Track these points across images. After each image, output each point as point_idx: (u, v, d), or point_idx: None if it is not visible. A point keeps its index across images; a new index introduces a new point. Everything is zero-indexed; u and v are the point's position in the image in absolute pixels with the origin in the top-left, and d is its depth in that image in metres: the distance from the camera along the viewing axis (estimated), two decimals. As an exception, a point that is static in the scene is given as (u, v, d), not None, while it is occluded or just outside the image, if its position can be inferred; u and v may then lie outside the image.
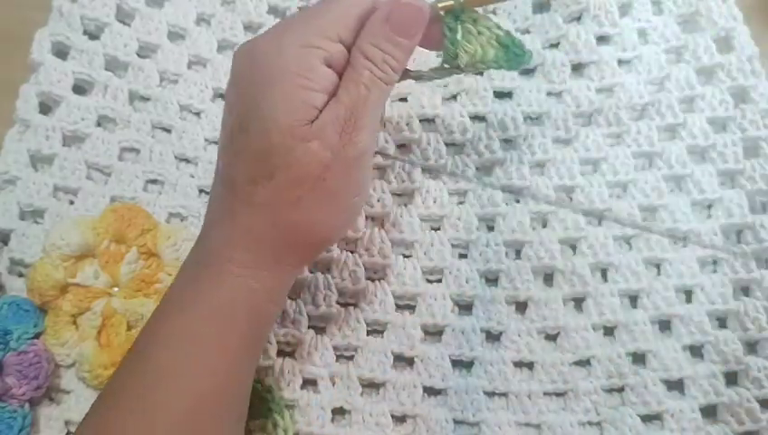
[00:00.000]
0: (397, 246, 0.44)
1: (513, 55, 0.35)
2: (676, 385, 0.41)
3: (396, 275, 0.43)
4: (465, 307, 0.44)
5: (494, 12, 0.50)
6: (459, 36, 0.34)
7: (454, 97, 0.47)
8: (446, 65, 0.35)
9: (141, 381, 0.31)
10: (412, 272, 0.43)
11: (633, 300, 0.43)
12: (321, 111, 0.31)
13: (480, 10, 0.35)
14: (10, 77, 0.46)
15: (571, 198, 0.45)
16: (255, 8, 0.49)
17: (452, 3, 0.34)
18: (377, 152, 0.38)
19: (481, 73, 0.47)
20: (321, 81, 0.31)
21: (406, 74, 0.35)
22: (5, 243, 0.43)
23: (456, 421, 0.41)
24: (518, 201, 0.45)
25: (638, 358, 0.42)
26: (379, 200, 0.45)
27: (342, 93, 0.31)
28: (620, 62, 0.48)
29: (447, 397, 0.41)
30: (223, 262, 0.32)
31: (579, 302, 0.43)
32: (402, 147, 0.46)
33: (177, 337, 0.32)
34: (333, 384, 0.41)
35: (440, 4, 0.34)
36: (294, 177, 0.31)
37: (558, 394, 0.41)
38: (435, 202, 0.45)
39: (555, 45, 0.49)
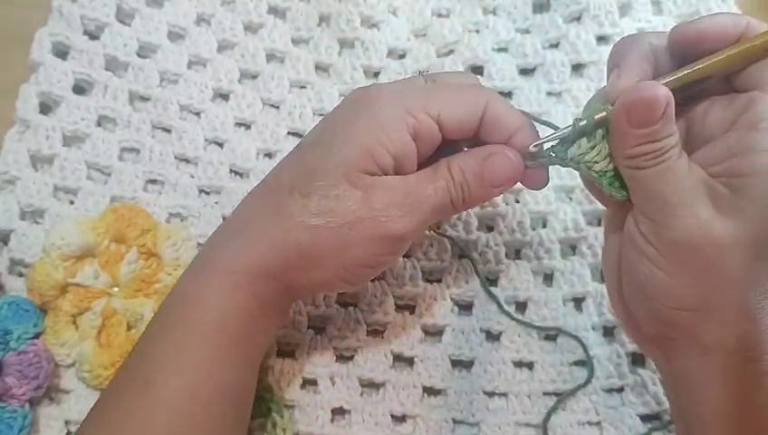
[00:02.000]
0: (397, 246, 0.44)
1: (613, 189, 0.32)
2: (675, 385, 0.41)
3: (396, 275, 0.43)
4: (465, 307, 0.44)
5: (494, 12, 0.50)
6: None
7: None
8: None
9: (142, 377, 0.32)
10: (412, 272, 0.43)
11: (633, 300, 0.43)
12: (383, 174, 0.32)
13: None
14: (10, 77, 0.46)
15: (570, 198, 0.45)
16: (255, 8, 0.49)
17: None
18: None
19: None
20: (397, 145, 0.32)
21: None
22: (5, 243, 0.43)
23: (456, 421, 0.41)
24: (518, 201, 0.45)
25: (638, 358, 0.42)
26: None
27: (413, 178, 0.32)
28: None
29: (447, 397, 0.41)
30: (223, 256, 0.33)
31: (579, 302, 0.43)
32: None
33: (178, 333, 0.32)
34: (333, 384, 0.41)
35: (596, 116, 0.30)
36: (324, 208, 0.32)
37: (558, 394, 0.41)
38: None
39: (555, 45, 0.49)
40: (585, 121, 0.30)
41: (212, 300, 0.32)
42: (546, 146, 0.32)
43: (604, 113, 0.30)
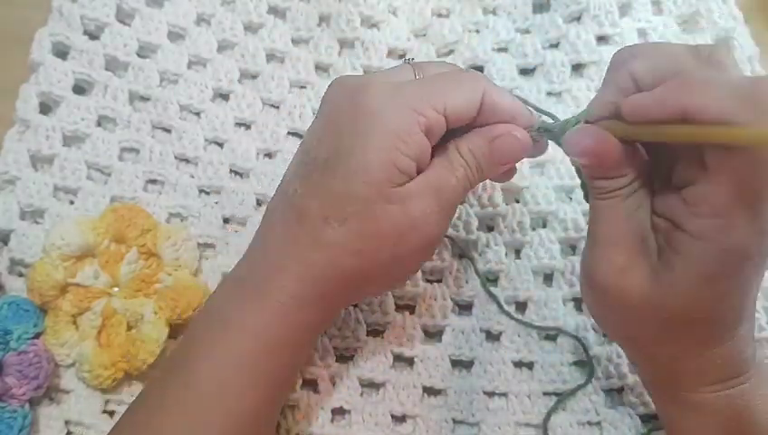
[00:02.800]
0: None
1: None
2: (675, 385, 0.41)
3: (396, 275, 0.43)
4: (465, 307, 0.44)
5: (494, 12, 0.50)
6: None
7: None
8: None
9: (180, 396, 0.32)
10: (412, 272, 0.43)
11: (633, 300, 0.43)
12: (410, 179, 0.32)
13: None
14: (10, 77, 0.46)
15: (570, 198, 0.45)
16: (255, 8, 0.49)
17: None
18: None
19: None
20: (416, 147, 0.31)
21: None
22: (5, 243, 0.43)
23: (456, 421, 0.41)
24: (518, 201, 0.45)
25: (638, 358, 0.42)
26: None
27: (433, 174, 0.32)
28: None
29: (447, 397, 0.41)
30: (271, 287, 0.32)
31: (578, 302, 0.43)
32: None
33: (222, 355, 0.32)
34: (333, 384, 0.41)
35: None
36: (366, 231, 0.31)
37: (558, 394, 0.41)
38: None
39: (555, 45, 0.49)
40: (577, 122, 0.32)
41: (260, 329, 0.32)
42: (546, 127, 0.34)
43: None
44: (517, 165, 0.36)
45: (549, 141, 0.35)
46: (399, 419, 0.41)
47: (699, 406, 0.31)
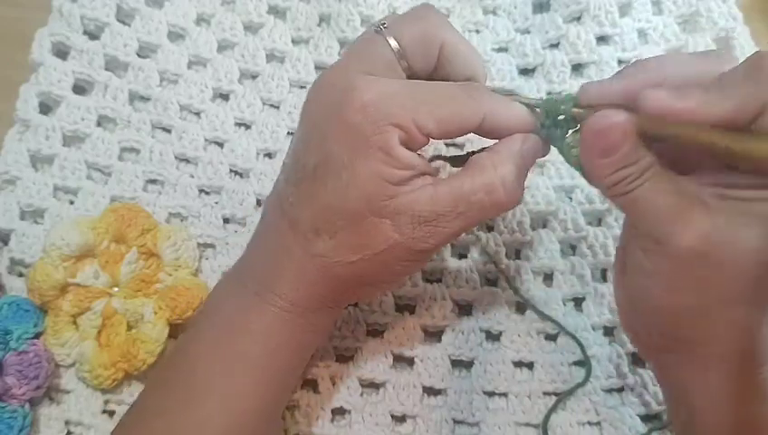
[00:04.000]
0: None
1: None
2: (675, 385, 0.41)
3: (396, 275, 0.43)
4: (465, 307, 0.44)
5: (494, 12, 0.50)
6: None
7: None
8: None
9: (184, 397, 0.32)
10: (412, 272, 0.43)
11: (633, 300, 0.43)
12: (406, 184, 0.31)
13: None
14: (10, 77, 0.46)
15: (570, 198, 0.45)
16: (255, 8, 0.49)
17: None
18: None
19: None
20: (401, 160, 0.30)
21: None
22: (5, 243, 0.43)
23: (456, 421, 0.41)
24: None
25: (638, 358, 0.42)
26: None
27: (441, 193, 0.31)
28: (620, 62, 0.48)
29: (447, 397, 0.41)
30: (271, 295, 0.33)
31: (579, 302, 0.43)
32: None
33: (224, 357, 0.33)
34: (333, 384, 0.41)
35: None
36: (356, 244, 0.31)
37: (557, 394, 0.41)
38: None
39: (555, 45, 0.49)
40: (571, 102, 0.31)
41: (263, 332, 0.33)
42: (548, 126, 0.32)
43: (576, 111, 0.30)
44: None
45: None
46: (399, 419, 0.41)
47: None
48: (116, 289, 0.41)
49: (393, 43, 0.32)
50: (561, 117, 0.31)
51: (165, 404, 0.33)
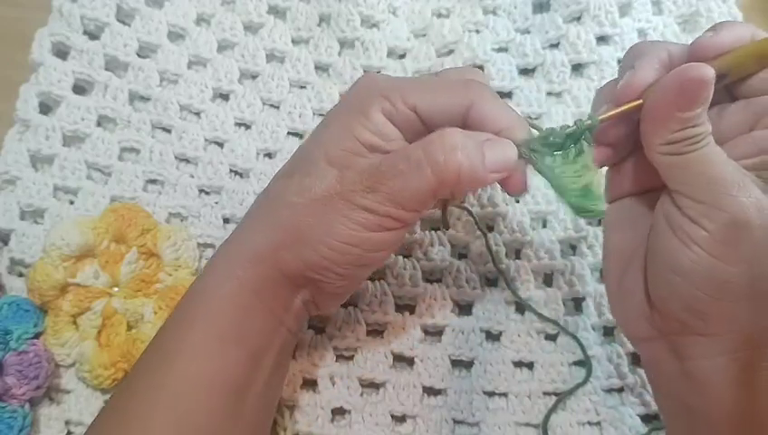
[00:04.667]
0: (397, 246, 0.44)
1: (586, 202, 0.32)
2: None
3: (396, 275, 0.43)
4: (465, 307, 0.44)
5: (494, 12, 0.50)
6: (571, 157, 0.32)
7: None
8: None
9: (150, 364, 0.33)
10: (412, 272, 0.43)
11: (633, 300, 0.43)
12: (375, 151, 0.32)
13: None
14: (10, 77, 0.46)
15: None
16: (255, 8, 0.49)
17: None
18: None
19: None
20: (376, 126, 0.32)
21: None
22: (5, 243, 0.43)
23: (456, 421, 0.41)
24: (518, 201, 0.45)
25: (638, 358, 0.42)
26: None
27: (398, 155, 0.32)
28: (620, 62, 0.47)
29: (447, 397, 0.41)
30: (225, 256, 0.34)
31: (579, 302, 0.43)
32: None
33: (182, 324, 0.34)
34: (333, 384, 0.41)
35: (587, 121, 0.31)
36: (303, 186, 0.33)
37: (557, 394, 0.41)
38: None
39: (555, 45, 0.49)
40: (574, 127, 0.31)
41: (211, 290, 0.34)
42: (533, 146, 0.32)
43: (590, 121, 0.31)
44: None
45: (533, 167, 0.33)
46: (399, 419, 0.41)
47: None
48: (116, 289, 0.41)
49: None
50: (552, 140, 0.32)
51: (138, 375, 0.34)
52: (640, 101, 0.29)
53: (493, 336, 0.43)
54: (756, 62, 0.29)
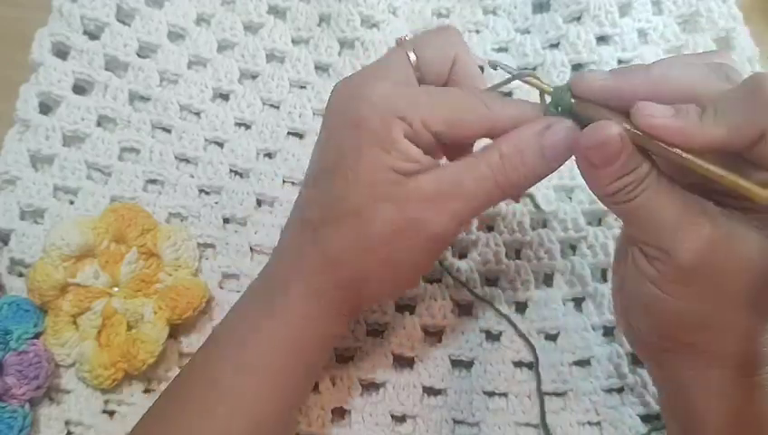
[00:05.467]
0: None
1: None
2: (675, 385, 0.41)
3: (396, 275, 0.43)
4: (465, 307, 0.44)
5: (494, 12, 0.50)
6: None
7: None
8: None
9: (202, 402, 0.33)
10: (412, 272, 0.43)
11: (633, 300, 0.43)
12: (408, 180, 0.31)
13: None
14: (10, 77, 0.46)
15: (570, 198, 0.45)
16: (255, 8, 0.49)
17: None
18: None
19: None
20: (404, 152, 0.30)
21: None
22: (5, 243, 0.43)
23: (456, 421, 0.41)
24: (518, 201, 0.45)
25: (638, 358, 0.42)
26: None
27: (447, 171, 0.31)
28: (620, 62, 0.48)
29: (447, 397, 0.41)
30: (282, 309, 0.33)
31: (579, 302, 0.43)
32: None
33: (239, 362, 0.33)
34: (333, 384, 0.41)
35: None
36: (361, 232, 0.31)
37: (558, 394, 0.41)
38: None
39: (555, 45, 0.49)
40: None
41: (276, 342, 0.33)
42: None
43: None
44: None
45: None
46: (399, 419, 0.41)
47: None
48: (116, 289, 0.41)
49: (412, 55, 0.33)
50: (561, 108, 0.31)
51: (183, 409, 0.33)
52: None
53: (493, 336, 0.43)
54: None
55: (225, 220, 0.45)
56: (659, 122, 0.26)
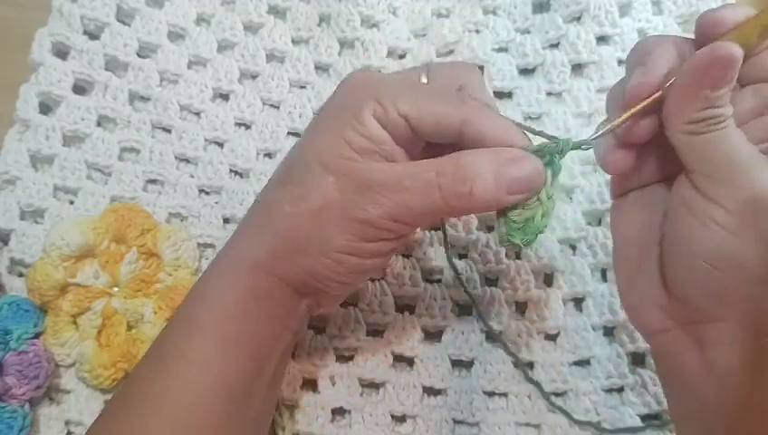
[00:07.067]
0: (397, 246, 0.44)
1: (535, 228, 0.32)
2: (675, 385, 0.41)
3: (396, 275, 0.43)
4: (465, 307, 0.44)
5: (494, 12, 0.50)
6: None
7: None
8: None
9: (155, 367, 0.33)
10: (412, 272, 0.43)
11: (633, 300, 0.43)
12: (371, 157, 0.31)
13: None
14: (10, 77, 0.46)
15: (570, 198, 0.45)
16: (255, 8, 0.49)
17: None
18: None
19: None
20: (369, 130, 0.31)
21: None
22: (5, 243, 0.43)
23: (456, 421, 0.41)
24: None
25: (638, 358, 0.42)
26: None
27: (397, 167, 0.31)
28: (620, 62, 0.48)
29: (447, 397, 0.41)
30: (228, 259, 0.34)
31: (579, 302, 0.43)
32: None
33: (183, 325, 0.34)
34: (333, 384, 0.41)
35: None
36: (299, 194, 0.32)
37: (558, 394, 0.41)
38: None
39: (555, 45, 0.49)
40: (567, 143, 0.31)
41: (212, 297, 0.34)
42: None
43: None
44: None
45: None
46: (399, 419, 0.41)
47: None
48: (116, 289, 0.42)
49: (423, 78, 0.34)
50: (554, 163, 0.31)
51: (137, 373, 0.34)
52: (659, 93, 0.29)
53: (493, 336, 0.43)
54: (760, 34, 0.29)
55: (225, 220, 0.45)
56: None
